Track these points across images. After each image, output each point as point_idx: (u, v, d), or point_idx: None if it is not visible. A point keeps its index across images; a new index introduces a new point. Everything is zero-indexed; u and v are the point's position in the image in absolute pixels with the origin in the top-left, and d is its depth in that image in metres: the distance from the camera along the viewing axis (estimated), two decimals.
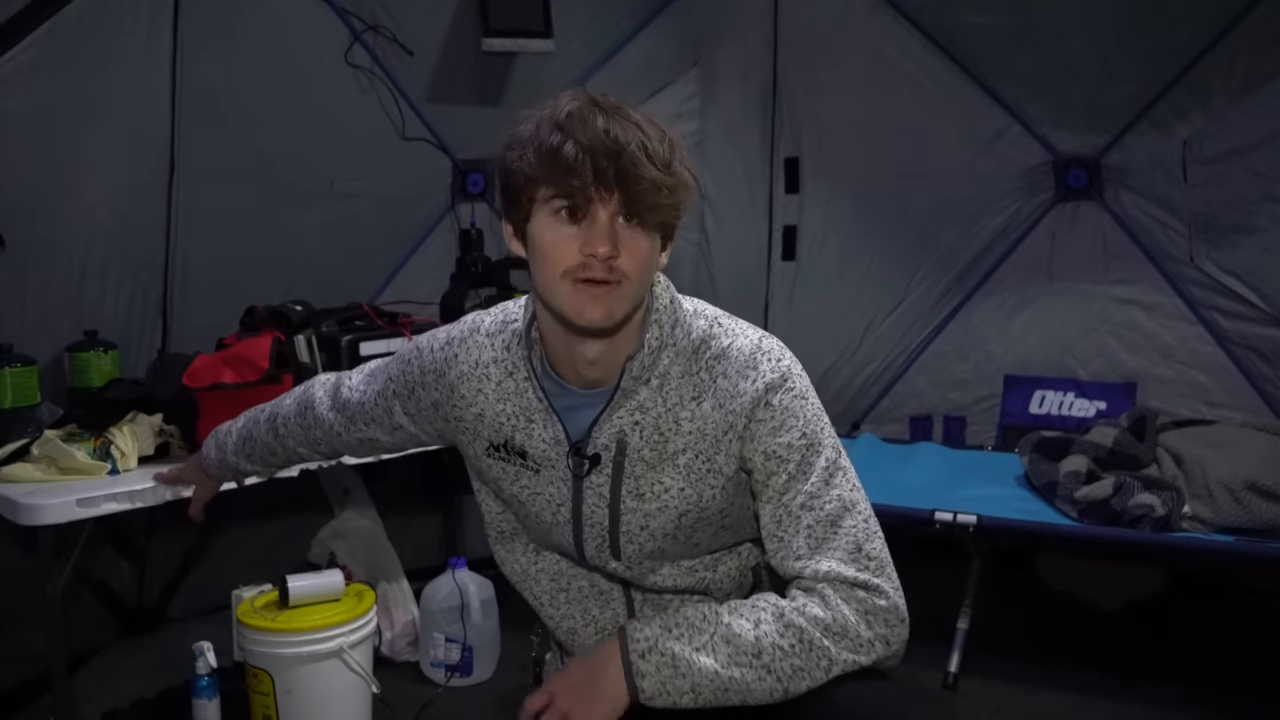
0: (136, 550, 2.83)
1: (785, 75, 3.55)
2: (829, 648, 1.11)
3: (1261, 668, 2.56)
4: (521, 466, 1.26)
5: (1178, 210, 3.09)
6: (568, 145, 1.07)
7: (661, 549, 1.23)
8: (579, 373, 1.21)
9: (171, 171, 2.69)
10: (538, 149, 1.09)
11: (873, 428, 3.56)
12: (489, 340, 1.27)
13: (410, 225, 3.32)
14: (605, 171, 1.07)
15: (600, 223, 1.09)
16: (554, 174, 1.08)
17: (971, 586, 2.63)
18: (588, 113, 1.09)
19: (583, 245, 1.09)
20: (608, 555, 1.25)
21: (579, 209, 1.10)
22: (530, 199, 1.12)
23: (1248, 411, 3.02)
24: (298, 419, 1.54)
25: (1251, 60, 2.87)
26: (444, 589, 2.58)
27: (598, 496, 1.23)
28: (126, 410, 2.17)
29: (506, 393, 1.25)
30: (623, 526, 1.22)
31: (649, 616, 1.19)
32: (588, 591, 1.32)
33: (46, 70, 2.32)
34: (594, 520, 1.24)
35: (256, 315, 2.45)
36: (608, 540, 1.24)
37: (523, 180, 1.12)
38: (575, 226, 1.10)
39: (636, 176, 1.08)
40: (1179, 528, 2.42)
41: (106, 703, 2.42)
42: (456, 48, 3.07)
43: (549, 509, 1.26)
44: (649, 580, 1.28)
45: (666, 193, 1.10)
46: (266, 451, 1.63)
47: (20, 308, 2.45)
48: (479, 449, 1.29)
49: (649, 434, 1.19)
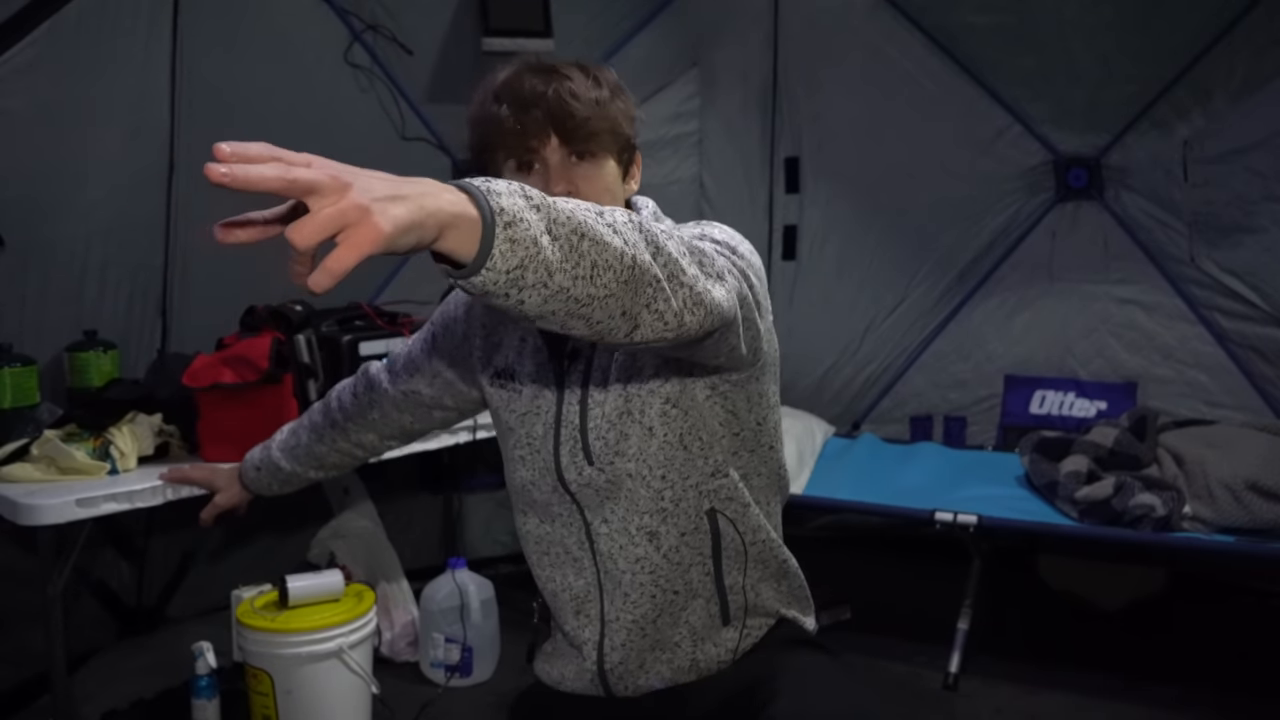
0: (136, 550, 2.83)
1: (785, 75, 3.55)
2: (663, 249, 0.95)
3: (1261, 668, 2.56)
4: (512, 390, 1.35)
5: (1178, 210, 3.09)
6: (502, 109, 1.20)
7: (624, 433, 1.25)
8: None
9: (171, 171, 2.69)
10: (483, 121, 1.23)
11: (873, 428, 3.56)
12: None
13: None
14: (537, 119, 1.19)
15: (551, 166, 1.21)
16: (500, 138, 1.21)
17: (971, 586, 2.63)
18: (514, 78, 1.22)
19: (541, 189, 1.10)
20: (582, 460, 1.29)
21: (527, 163, 1.22)
22: (495, 169, 1.24)
23: (1248, 411, 3.02)
24: (353, 387, 1.62)
25: (1251, 60, 2.87)
26: (444, 589, 2.58)
27: (572, 393, 1.29)
28: (126, 410, 2.17)
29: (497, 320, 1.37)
30: (590, 422, 1.27)
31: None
32: (563, 558, 1.36)
33: (46, 70, 2.32)
34: (568, 420, 1.29)
35: (256, 315, 2.45)
36: (579, 441, 1.28)
37: (482, 153, 1.25)
38: (530, 176, 1.22)
39: (565, 114, 1.19)
40: (1179, 528, 2.42)
41: (106, 703, 2.42)
42: (456, 48, 3.07)
43: (539, 424, 1.32)
44: (620, 506, 1.28)
45: (597, 121, 1.21)
46: (314, 438, 1.66)
47: (20, 308, 2.45)
48: (487, 380, 1.38)
49: None
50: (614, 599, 1.32)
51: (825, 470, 3.05)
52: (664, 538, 1.30)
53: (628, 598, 1.32)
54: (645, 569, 1.30)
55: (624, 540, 1.30)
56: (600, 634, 1.34)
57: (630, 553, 1.30)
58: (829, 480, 2.97)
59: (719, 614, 1.35)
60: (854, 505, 2.82)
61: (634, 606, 1.32)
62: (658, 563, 1.30)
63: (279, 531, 2.94)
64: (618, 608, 1.32)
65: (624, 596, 1.32)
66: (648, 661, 1.34)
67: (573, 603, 1.36)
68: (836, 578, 3.13)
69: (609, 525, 1.30)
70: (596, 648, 1.35)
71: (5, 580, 2.31)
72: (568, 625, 1.37)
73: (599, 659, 1.35)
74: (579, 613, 1.36)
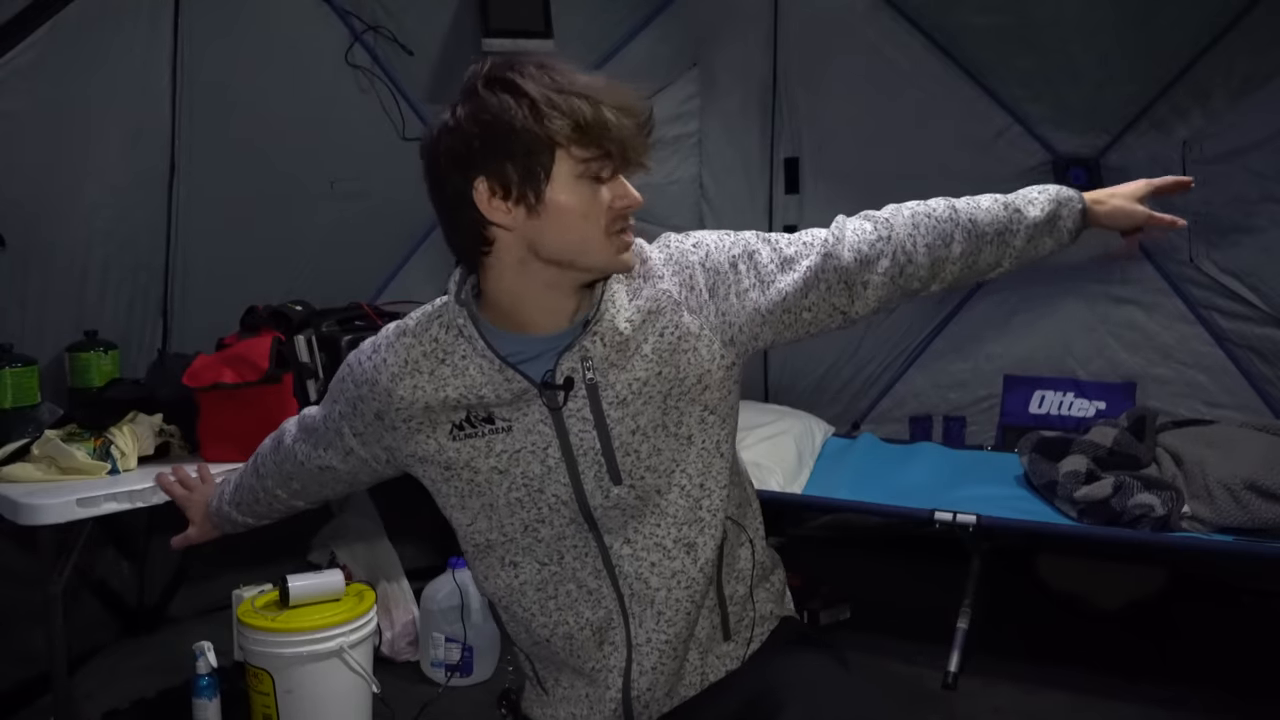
0: (136, 550, 2.83)
1: (785, 75, 3.55)
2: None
3: (1261, 668, 2.56)
4: (492, 432, 1.24)
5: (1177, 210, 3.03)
6: (607, 112, 1.13)
7: (657, 448, 1.23)
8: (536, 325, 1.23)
9: (172, 171, 2.69)
10: (570, 114, 1.12)
11: (873, 428, 3.56)
12: (415, 339, 1.27)
13: (410, 225, 3.32)
14: (641, 136, 1.17)
15: (620, 178, 1.18)
16: (596, 139, 1.13)
17: (971, 586, 2.63)
18: (603, 82, 1.17)
19: (615, 199, 1.17)
20: (609, 483, 1.23)
21: (616, 171, 1.17)
22: (551, 161, 1.14)
23: (1247, 411, 3.02)
24: (272, 455, 1.52)
25: (1251, 60, 2.87)
26: (444, 589, 2.58)
27: (581, 421, 1.22)
28: (126, 410, 2.17)
29: (443, 379, 1.24)
30: (615, 441, 1.22)
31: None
32: (576, 594, 1.30)
33: (46, 71, 2.32)
34: (585, 448, 1.23)
35: (256, 315, 2.45)
36: (604, 464, 1.23)
37: (542, 143, 1.12)
38: (602, 185, 1.16)
39: (648, 139, 1.18)
40: (1179, 528, 2.42)
41: (106, 703, 2.42)
42: (456, 48, 3.07)
43: (536, 459, 1.24)
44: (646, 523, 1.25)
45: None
46: (251, 498, 1.59)
47: (20, 308, 2.46)
48: (442, 438, 1.26)
49: (609, 338, 1.20)
50: (644, 621, 1.28)
51: (825, 470, 3.06)
52: (701, 549, 1.27)
53: (662, 616, 1.28)
54: (682, 583, 1.27)
55: (657, 556, 1.26)
56: (627, 659, 1.30)
57: (666, 567, 1.26)
58: (828, 480, 2.97)
59: (720, 626, 1.33)
60: (853, 505, 2.82)
61: (668, 625, 1.28)
62: (694, 576, 1.27)
63: (279, 531, 2.93)
64: (649, 629, 1.28)
65: (657, 616, 1.28)
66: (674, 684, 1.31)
67: (594, 636, 1.31)
68: (836, 577, 3.15)
69: (632, 545, 1.27)
70: (623, 674, 1.30)
71: (5, 580, 2.31)
72: (590, 662, 1.32)
73: (625, 686, 1.30)
74: (603, 643, 1.31)
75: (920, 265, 1.27)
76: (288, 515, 1.62)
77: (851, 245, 1.25)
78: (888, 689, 2.48)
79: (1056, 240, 1.35)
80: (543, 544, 1.29)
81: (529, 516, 1.27)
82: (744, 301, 1.24)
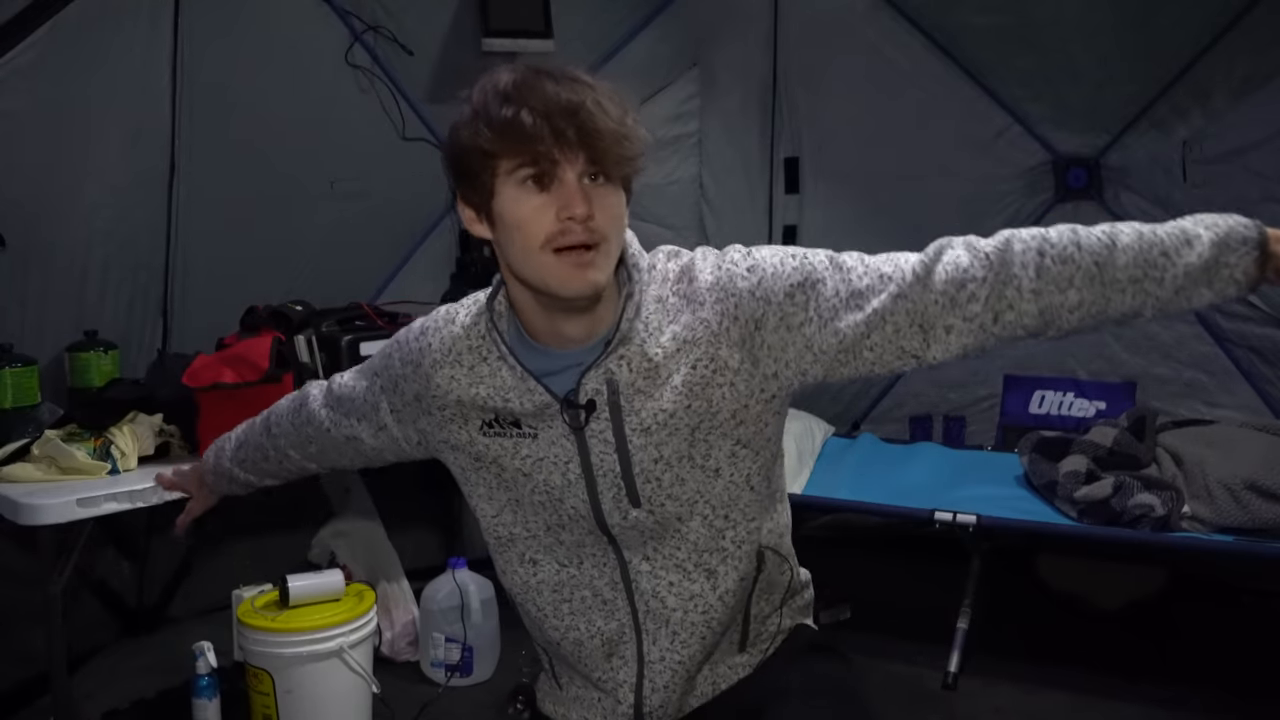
0: (136, 550, 2.83)
1: (785, 75, 3.55)
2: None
3: (1262, 668, 2.56)
4: (519, 436, 1.22)
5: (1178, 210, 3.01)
6: (523, 113, 1.05)
7: (680, 478, 1.19)
8: (560, 338, 1.19)
9: (172, 171, 2.69)
10: (492, 123, 1.07)
11: (873, 428, 3.56)
12: (463, 331, 1.24)
13: (410, 225, 3.32)
14: (565, 132, 1.05)
15: (569, 184, 1.08)
16: (515, 144, 1.07)
17: (971, 586, 2.63)
18: (533, 80, 1.08)
19: (559, 210, 1.08)
20: (627, 505, 1.20)
21: (546, 175, 1.08)
22: (492, 175, 1.10)
23: (1248, 411, 3.02)
24: (291, 416, 1.48)
25: (1251, 60, 2.87)
26: (444, 589, 2.58)
27: (603, 444, 1.18)
28: (126, 410, 2.17)
29: (480, 377, 1.22)
30: (636, 468, 1.18)
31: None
32: (590, 601, 1.29)
33: (46, 70, 2.32)
34: (605, 469, 1.19)
35: (256, 315, 2.45)
36: (623, 488, 1.20)
37: (481, 157, 1.10)
38: (545, 194, 1.08)
39: (597, 131, 1.06)
40: (1179, 528, 2.42)
41: (106, 703, 2.42)
42: (456, 48, 3.07)
43: (557, 471, 1.21)
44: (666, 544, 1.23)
45: (627, 144, 1.09)
46: (259, 455, 1.55)
47: (20, 308, 2.46)
48: (473, 431, 1.25)
49: (637, 364, 1.15)
50: (658, 639, 1.27)
51: (825, 470, 3.06)
52: (722, 578, 1.24)
53: (676, 637, 1.26)
54: (698, 608, 1.25)
55: (676, 577, 1.24)
56: (638, 675, 1.29)
57: (684, 589, 1.24)
58: (828, 480, 2.97)
59: (738, 641, 1.33)
60: (853, 505, 2.82)
61: (682, 646, 1.26)
62: (712, 603, 1.25)
63: (279, 531, 2.94)
64: (662, 648, 1.27)
65: (671, 636, 1.26)
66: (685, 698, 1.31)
67: (604, 647, 1.30)
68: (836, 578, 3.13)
69: (651, 563, 1.24)
70: (634, 689, 1.29)
71: (5, 580, 2.31)
72: (596, 671, 1.31)
73: (636, 702, 1.29)
74: (611, 655, 1.30)
75: (1025, 314, 1.08)
76: (297, 478, 1.58)
77: (939, 283, 1.09)
78: (888, 689, 2.48)
79: (1218, 292, 1.12)
80: (564, 546, 1.27)
81: (551, 519, 1.26)
82: (795, 335, 1.13)
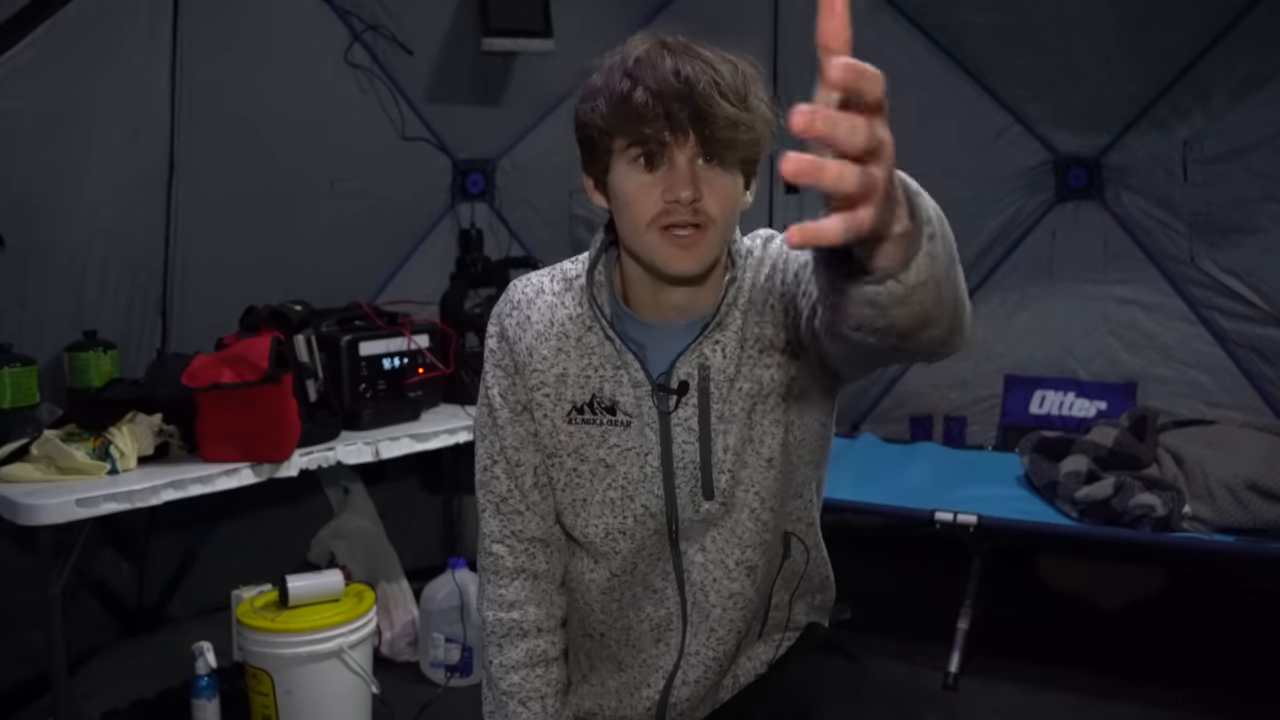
0: (136, 550, 2.83)
1: (785, 75, 3.54)
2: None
3: (1262, 668, 2.56)
4: (610, 424, 1.19)
5: (1178, 210, 3.09)
6: (637, 92, 1.05)
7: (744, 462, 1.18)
8: (661, 312, 1.18)
9: (171, 171, 2.69)
10: (609, 99, 1.07)
11: (873, 428, 3.56)
12: (558, 299, 1.22)
13: (410, 225, 3.32)
14: (678, 114, 1.05)
15: (679, 167, 1.07)
16: (626, 123, 1.06)
17: (971, 586, 2.63)
18: (655, 55, 1.07)
19: (664, 191, 1.07)
20: (700, 498, 1.19)
21: (655, 156, 1.07)
22: (607, 150, 1.11)
23: (1248, 411, 3.01)
24: (518, 574, 1.30)
25: (1251, 60, 2.87)
26: (444, 589, 2.58)
27: (686, 431, 1.17)
28: (126, 410, 2.17)
29: (589, 347, 1.19)
30: (714, 457, 1.17)
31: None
32: (641, 595, 1.26)
33: (46, 70, 2.32)
34: (685, 460, 1.18)
35: (256, 315, 2.45)
36: (699, 480, 1.18)
37: (597, 133, 1.10)
38: (653, 173, 1.08)
39: (710, 115, 1.05)
40: (1179, 528, 2.42)
41: (106, 703, 2.42)
42: (456, 48, 3.07)
43: (637, 463, 1.19)
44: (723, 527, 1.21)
45: (744, 128, 1.07)
46: (548, 674, 1.33)
47: (20, 307, 2.46)
48: (558, 419, 1.20)
49: (731, 350, 1.16)
50: (699, 632, 1.25)
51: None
52: (760, 571, 1.24)
53: (714, 633, 1.25)
54: (738, 604, 1.24)
55: (719, 573, 1.23)
56: (675, 664, 1.27)
57: (725, 587, 1.23)
58: (829, 480, 2.92)
59: (758, 630, 1.31)
60: (854, 505, 2.81)
61: (719, 643, 1.25)
62: (750, 597, 1.24)
63: (279, 531, 2.94)
64: (700, 641, 1.25)
65: (710, 631, 1.25)
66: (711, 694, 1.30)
67: (653, 632, 1.27)
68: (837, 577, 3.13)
69: (705, 554, 1.22)
70: (667, 676, 1.28)
71: (5, 580, 2.31)
72: (642, 654, 1.29)
73: (665, 689, 1.28)
74: (659, 640, 1.28)
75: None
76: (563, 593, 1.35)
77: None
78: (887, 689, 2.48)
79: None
80: (619, 556, 1.24)
81: (613, 523, 1.22)
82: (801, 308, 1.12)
